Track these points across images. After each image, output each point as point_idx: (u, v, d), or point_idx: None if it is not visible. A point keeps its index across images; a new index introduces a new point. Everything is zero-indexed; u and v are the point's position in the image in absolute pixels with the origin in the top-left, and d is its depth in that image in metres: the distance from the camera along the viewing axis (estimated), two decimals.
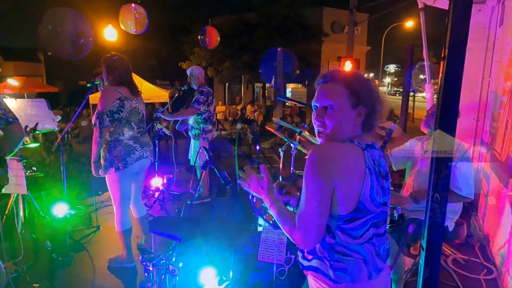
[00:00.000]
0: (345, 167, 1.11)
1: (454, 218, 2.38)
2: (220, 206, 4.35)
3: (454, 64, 1.31)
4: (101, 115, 2.53)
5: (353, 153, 1.14)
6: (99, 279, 2.75)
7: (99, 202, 4.27)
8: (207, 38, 6.48)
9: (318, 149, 1.14)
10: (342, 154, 1.13)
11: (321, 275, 1.18)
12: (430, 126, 2.32)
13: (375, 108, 1.20)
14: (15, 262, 2.78)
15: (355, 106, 1.17)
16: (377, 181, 1.16)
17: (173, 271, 1.57)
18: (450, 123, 1.34)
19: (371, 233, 1.17)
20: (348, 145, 1.17)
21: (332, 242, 1.16)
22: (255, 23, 15.97)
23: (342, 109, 1.17)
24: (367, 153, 1.16)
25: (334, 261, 1.16)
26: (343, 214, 1.13)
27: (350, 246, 1.15)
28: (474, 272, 2.80)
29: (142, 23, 5.34)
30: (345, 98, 1.17)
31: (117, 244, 2.99)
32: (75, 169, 6.94)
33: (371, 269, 1.17)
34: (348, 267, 1.15)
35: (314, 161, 1.11)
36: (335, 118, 1.17)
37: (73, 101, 21.49)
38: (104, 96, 2.57)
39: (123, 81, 2.65)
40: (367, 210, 1.14)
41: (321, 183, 1.09)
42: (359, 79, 1.20)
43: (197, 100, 4.06)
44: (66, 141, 2.93)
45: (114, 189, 2.70)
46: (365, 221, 1.15)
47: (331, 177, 1.09)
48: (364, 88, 1.19)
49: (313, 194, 1.11)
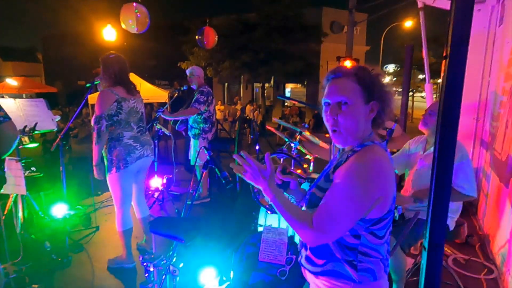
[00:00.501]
0: (389, 179, 1.11)
1: (455, 217, 2.38)
2: (220, 206, 4.34)
3: (456, 63, 1.30)
4: (99, 119, 2.51)
5: (388, 159, 1.14)
6: (98, 280, 2.74)
7: (98, 203, 4.26)
8: (205, 38, 6.47)
9: (365, 160, 1.10)
10: (386, 165, 1.12)
11: (340, 278, 1.15)
12: (428, 126, 2.32)
13: (386, 103, 1.18)
14: (14, 263, 2.76)
15: (367, 101, 1.15)
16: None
17: (173, 271, 1.56)
18: (452, 122, 1.33)
19: (390, 231, 1.20)
20: (381, 151, 1.15)
21: (356, 243, 1.14)
22: (254, 23, 15.98)
23: (355, 104, 1.14)
24: (388, 153, 1.17)
25: (358, 262, 1.14)
26: (374, 217, 1.12)
27: (374, 246, 1.15)
28: (475, 272, 2.79)
29: (144, 23, 5.32)
30: (358, 93, 1.14)
31: (117, 245, 2.98)
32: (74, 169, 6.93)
33: (385, 265, 1.20)
34: (371, 267, 1.15)
35: (363, 174, 1.08)
36: (349, 115, 1.14)
37: (72, 101, 21.48)
38: (100, 100, 2.54)
39: (118, 80, 2.61)
40: (391, 209, 1.16)
41: (366, 197, 1.07)
42: (370, 73, 1.18)
43: (198, 100, 4.06)
44: (65, 141, 2.90)
45: (115, 189, 2.68)
46: (389, 220, 1.17)
47: (377, 194, 1.09)
48: (375, 82, 1.16)
49: (351, 207, 1.07)
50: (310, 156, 3.25)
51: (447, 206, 1.40)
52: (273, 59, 15.95)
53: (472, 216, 3.86)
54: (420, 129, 2.37)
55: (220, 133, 10.08)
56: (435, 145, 1.40)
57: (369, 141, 1.17)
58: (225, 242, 2.90)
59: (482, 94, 4.12)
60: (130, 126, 2.66)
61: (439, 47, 19.53)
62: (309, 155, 3.24)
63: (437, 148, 1.38)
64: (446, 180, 1.39)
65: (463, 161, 2.11)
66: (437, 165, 1.39)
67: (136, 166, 2.70)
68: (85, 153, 10.73)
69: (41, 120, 3.24)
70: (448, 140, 1.36)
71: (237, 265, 1.98)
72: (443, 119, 1.36)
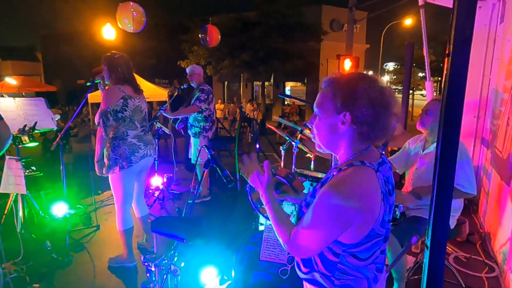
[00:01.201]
0: (365, 209, 1.02)
1: (456, 215, 2.38)
2: (220, 204, 4.34)
3: (459, 60, 1.29)
4: (105, 114, 2.51)
5: (372, 186, 1.03)
6: (99, 279, 2.74)
7: (99, 202, 4.25)
8: (208, 37, 6.44)
9: (338, 190, 1.02)
10: (364, 195, 1.02)
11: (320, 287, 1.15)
12: (425, 126, 2.31)
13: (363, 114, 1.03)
14: (15, 262, 2.76)
15: (338, 111, 1.05)
16: (387, 201, 1.08)
17: (175, 271, 1.56)
18: (455, 120, 1.32)
19: (377, 254, 1.12)
20: (365, 175, 1.04)
21: (335, 261, 1.10)
22: (254, 22, 15.95)
23: (325, 116, 1.09)
24: (379, 175, 1.06)
25: (336, 279, 1.11)
26: (350, 243, 1.07)
27: (354, 267, 1.10)
28: (476, 270, 2.79)
29: (140, 22, 5.30)
30: (330, 104, 1.07)
31: (118, 244, 2.97)
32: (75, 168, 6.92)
33: (371, 283, 1.14)
34: (351, 283, 1.11)
35: (334, 205, 1.00)
36: (319, 126, 1.11)
37: (71, 100, 21.47)
38: (107, 95, 2.55)
39: (126, 79, 2.63)
40: (376, 234, 1.07)
41: (336, 227, 1.03)
42: (348, 81, 1.06)
43: (199, 98, 4.05)
44: (65, 141, 2.90)
45: (117, 188, 2.68)
46: (373, 244, 1.09)
47: (349, 221, 1.02)
48: (349, 91, 1.04)
49: (320, 232, 1.04)
50: (311, 154, 3.25)
51: (449, 205, 1.40)
52: (273, 58, 15.92)
53: (473, 214, 3.86)
54: (418, 128, 2.37)
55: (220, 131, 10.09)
56: (437, 144, 1.40)
57: (358, 161, 1.06)
58: (226, 241, 2.89)
59: (482, 92, 4.11)
60: (135, 125, 2.66)
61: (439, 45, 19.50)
62: (310, 154, 3.24)
63: (440, 147, 1.38)
64: (448, 179, 1.38)
65: (463, 160, 2.11)
66: (440, 164, 1.39)
67: (139, 165, 2.70)
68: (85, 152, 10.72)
69: (41, 119, 3.23)
70: (450, 139, 1.35)
71: (238, 264, 1.98)
72: (446, 118, 1.35)
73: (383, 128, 1.07)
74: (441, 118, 1.35)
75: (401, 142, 2.66)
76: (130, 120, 2.62)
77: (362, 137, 1.07)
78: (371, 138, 1.07)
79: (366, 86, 1.04)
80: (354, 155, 1.09)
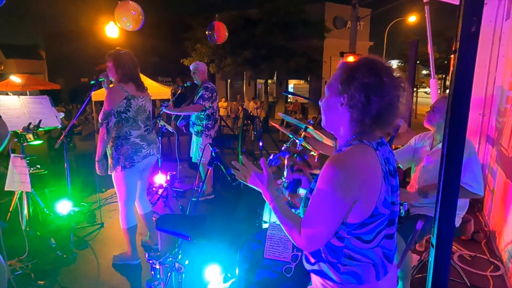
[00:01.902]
0: (368, 182, 1.04)
1: (461, 214, 2.36)
2: (224, 202, 4.35)
3: (466, 57, 1.28)
4: (108, 115, 2.51)
5: (372, 161, 1.06)
6: (103, 276, 2.75)
7: (103, 199, 4.27)
8: (216, 33, 6.38)
9: (338, 164, 1.04)
10: (365, 168, 1.04)
11: (326, 278, 1.14)
12: (432, 123, 2.29)
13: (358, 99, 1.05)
14: (20, 259, 2.78)
15: (340, 93, 1.09)
16: (388, 181, 1.09)
17: (179, 268, 1.56)
18: (461, 118, 1.31)
19: (382, 236, 1.13)
20: (364, 152, 1.07)
21: (340, 246, 1.10)
22: (256, 19, 15.90)
23: (328, 97, 1.14)
24: (379, 153, 1.09)
25: (342, 265, 1.11)
26: (356, 222, 1.07)
27: (360, 250, 1.10)
28: (481, 269, 2.78)
29: (138, 20, 5.29)
30: (335, 85, 1.11)
31: (122, 241, 2.99)
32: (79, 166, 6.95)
33: (379, 271, 1.14)
34: (356, 270, 1.11)
35: (335, 179, 1.02)
36: (323, 105, 1.16)
37: (75, 99, 21.56)
38: (111, 96, 2.54)
39: (131, 76, 2.62)
40: (379, 213, 1.08)
41: (342, 202, 1.03)
42: (354, 65, 1.09)
43: (202, 96, 4.02)
44: (69, 139, 2.90)
45: (120, 187, 2.68)
46: (376, 225, 1.09)
47: (354, 195, 1.03)
48: (349, 74, 1.07)
49: (328, 211, 1.04)
50: (314, 152, 3.23)
51: (455, 203, 1.39)
52: (276, 55, 15.87)
53: (478, 213, 3.84)
54: (426, 126, 2.35)
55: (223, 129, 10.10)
56: (444, 142, 1.39)
57: (356, 141, 1.10)
58: (229, 239, 2.89)
59: (488, 89, 4.07)
60: (138, 125, 2.65)
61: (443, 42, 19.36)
62: (314, 152, 3.23)
63: (446, 144, 1.37)
64: (454, 177, 1.37)
65: (471, 158, 2.09)
66: (446, 162, 1.38)
67: (142, 164, 2.70)
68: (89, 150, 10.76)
69: (45, 117, 3.24)
70: (457, 137, 1.34)
71: (242, 262, 1.98)
72: (452, 115, 1.34)
73: (379, 117, 1.07)
74: (447, 115, 1.34)
75: (405, 140, 2.65)
76: (134, 120, 2.62)
77: (357, 122, 1.09)
78: (365, 125, 1.08)
79: (363, 71, 1.05)
80: (352, 136, 1.12)
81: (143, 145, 2.68)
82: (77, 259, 2.95)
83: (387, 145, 1.18)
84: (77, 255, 2.98)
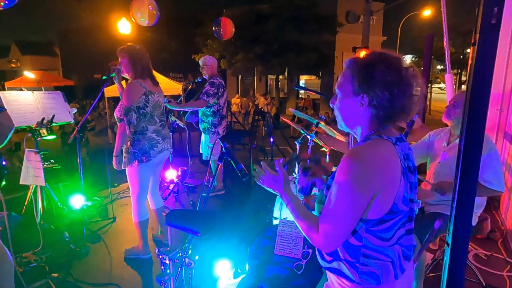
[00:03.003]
0: (386, 176, 1.02)
1: (478, 212, 2.30)
2: (234, 198, 4.35)
3: (485, 49, 1.23)
4: (128, 111, 2.53)
5: (391, 155, 1.05)
6: (115, 270, 2.78)
7: (115, 194, 4.32)
8: (222, 29, 6.39)
9: (357, 157, 1.03)
10: (383, 162, 1.03)
11: (344, 277, 1.12)
12: (451, 118, 2.23)
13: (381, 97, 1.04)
14: (35, 252, 2.83)
15: (357, 93, 1.07)
16: (407, 177, 1.07)
17: (189, 264, 1.56)
18: (480, 113, 1.26)
19: (400, 233, 1.10)
20: (383, 146, 1.05)
21: (359, 245, 1.08)
22: (267, 14, 15.80)
23: (345, 97, 1.11)
24: (398, 148, 1.07)
25: (361, 265, 1.09)
26: (374, 218, 1.05)
27: (378, 248, 1.08)
28: (497, 268, 2.71)
29: (153, 15, 5.32)
30: (349, 84, 1.09)
31: (133, 235, 3.02)
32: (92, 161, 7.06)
33: (397, 270, 1.11)
34: (375, 270, 1.08)
35: (354, 172, 1.01)
36: (339, 107, 1.13)
37: (89, 94, 21.87)
38: (130, 91, 2.55)
39: (147, 73, 2.63)
40: (399, 210, 1.06)
41: (360, 197, 1.01)
42: (366, 64, 1.06)
43: (207, 92, 3.90)
44: (82, 134, 2.93)
45: (134, 181, 2.71)
46: (395, 222, 1.07)
47: (372, 190, 1.01)
48: (366, 73, 1.05)
49: (347, 206, 1.02)
50: (326, 148, 3.20)
51: (473, 201, 1.34)
52: (287, 51, 15.77)
53: (494, 211, 3.74)
54: (444, 121, 2.29)
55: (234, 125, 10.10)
56: (461, 138, 1.34)
57: (375, 135, 1.09)
58: (240, 235, 2.89)
59: (506, 84, 3.95)
60: (154, 120, 2.67)
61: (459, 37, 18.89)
62: (325, 148, 3.19)
63: (463, 140, 1.32)
64: (472, 175, 1.33)
65: (491, 153, 2.01)
66: (463, 158, 1.33)
67: (157, 159, 2.72)
68: (103, 145, 10.92)
69: (59, 113, 3.28)
70: (474, 133, 1.30)
71: (252, 258, 1.97)
72: (470, 111, 1.29)
73: (401, 110, 1.07)
74: (465, 110, 1.30)
75: (419, 136, 2.59)
76: (151, 115, 2.64)
77: (379, 119, 1.09)
78: (388, 120, 1.09)
79: (383, 69, 1.04)
80: (370, 132, 1.11)
81: (158, 140, 2.70)
82: (90, 252, 2.99)
83: (406, 142, 1.16)
84: (90, 249, 3.02)
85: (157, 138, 2.70)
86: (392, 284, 1.11)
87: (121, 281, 2.59)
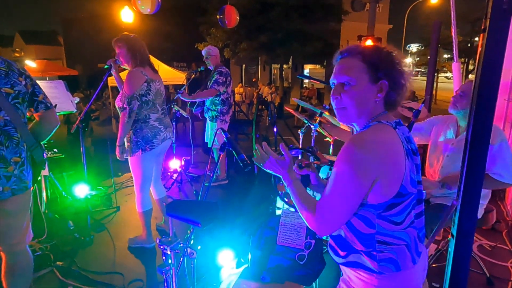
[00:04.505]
0: (388, 159, 1.02)
1: (484, 203, 2.27)
2: (237, 188, 4.35)
3: (496, 36, 1.19)
4: (130, 99, 2.50)
5: (393, 139, 1.05)
6: (119, 259, 2.81)
7: (119, 183, 4.34)
8: (226, 17, 6.31)
9: (358, 142, 1.03)
10: (384, 145, 1.03)
11: (362, 269, 1.12)
12: (458, 109, 2.17)
13: (398, 82, 1.10)
14: (40, 241, 2.86)
15: (375, 80, 1.09)
16: (411, 159, 1.08)
17: (191, 254, 1.55)
18: (488, 103, 1.23)
19: (412, 215, 1.11)
20: (384, 130, 1.07)
21: (372, 233, 1.08)
22: (272, 2, 15.55)
23: (360, 84, 1.09)
24: (398, 132, 1.08)
25: (377, 252, 1.08)
26: (382, 202, 1.05)
27: (393, 233, 1.08)
28: (502, 259, 2.69)
29: (153, 3, 5.26)
30: (363, 72, 1.09)
31: (137, 225, 3.03)
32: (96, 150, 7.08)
33: (414, 254, 1.12)
34: (392, 256, 1.09)
35: (354, 158, 1.01)
36: (353, 95, 1.10)
37: (92, 84, 21.86)
38: (132, 80, 2.53)
39: (145, 61, 2.62)
40: (408, 192, 1.06)
41: (359, 182, 1.02)
42: (378, 51, 1.11)
43: (217, 80, 3.98)
44: (85, 123, 2.93)
45: (137, 170, 2.70)
46: (406, 205, 1.07)
47: (372, 174, 1.01)
48: (384, 60, 1.09)
49: (345, 192, 1.03)
50: (330, 138, 3.17)
51: (479, 193, 1.32)
52: (292, 40, 15.57)
53: (499, 202, 3.71)
54: (450, 112, 2.23)
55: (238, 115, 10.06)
56: (468, 128, 1.30)
57: (375, 121, 1.10)
58: (243, 225, 2.89)
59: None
60: (156, 108, 2.65)
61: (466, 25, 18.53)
62: (329, 138, 3.16)
63: (470, 131, 1.29)
64: (479, 166, 1.30)
65: (502, 143, 1.95)
66: (470, 149, 1.30)
67: (159, 148, 2.71)
68: (106, 135, 10.96)
69: (61, 102, 3.26)
70: (482, 123, 1.26)
71: (255, 249, 1.97)
72: (479, 100, 1.26)
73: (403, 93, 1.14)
74: (473, 99, 1.26)
75: None
76: (153, 103, 2.62)
77: (387, 104, 1.13)
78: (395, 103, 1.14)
79: (392, 55, 1.11)
80: (370, 118, 1.12)
81: (161, 128, 2.69)
82: (94, 241, 3.02)
83: (405, 126, 1.17)
84: (94, 237, 3.04)
85: (160, 126, 2.68)
86: (410, 270, 1.11)
87: (124, 270, 2.61)
